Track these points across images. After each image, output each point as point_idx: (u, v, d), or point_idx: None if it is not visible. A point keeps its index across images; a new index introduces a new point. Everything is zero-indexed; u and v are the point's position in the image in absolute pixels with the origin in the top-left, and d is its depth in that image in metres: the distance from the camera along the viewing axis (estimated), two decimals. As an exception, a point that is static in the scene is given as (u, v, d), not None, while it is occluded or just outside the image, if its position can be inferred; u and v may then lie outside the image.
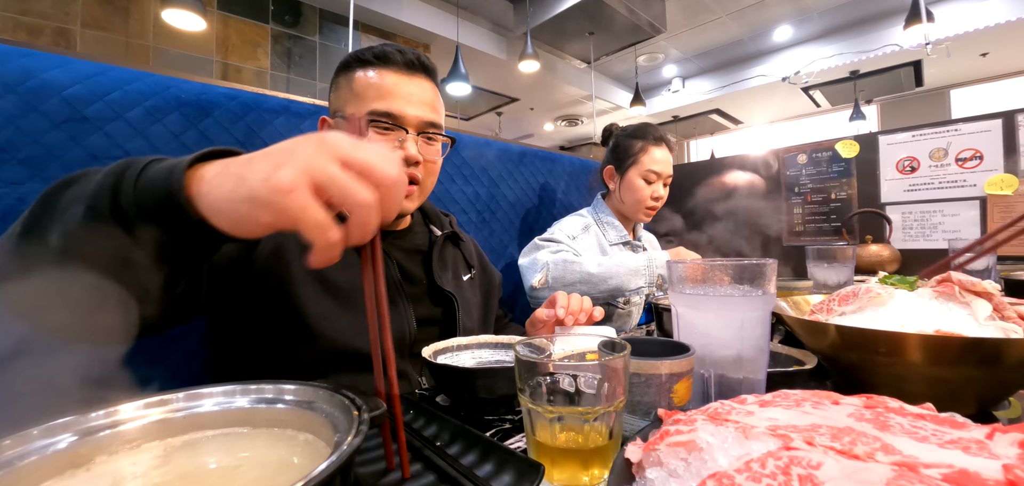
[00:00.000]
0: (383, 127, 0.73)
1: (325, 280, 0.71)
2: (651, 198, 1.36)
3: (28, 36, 2.61)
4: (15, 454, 0.26)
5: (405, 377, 0.75)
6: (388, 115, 0.72)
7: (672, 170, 1.41)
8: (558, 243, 1.28)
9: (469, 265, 0.95)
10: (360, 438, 0.26)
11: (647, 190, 1.36)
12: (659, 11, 4.34)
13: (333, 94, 0.79)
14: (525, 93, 6.21)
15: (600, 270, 1.15)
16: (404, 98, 0.74)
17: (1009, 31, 4.50)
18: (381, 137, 0.73)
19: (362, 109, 0.73)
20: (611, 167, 1.43)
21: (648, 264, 1.18)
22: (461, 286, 0.89)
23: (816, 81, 5.69)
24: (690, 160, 6.09)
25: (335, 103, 0.78)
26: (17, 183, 0.69)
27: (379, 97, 0.73)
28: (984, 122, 1.56)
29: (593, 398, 0.37)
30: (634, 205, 1.38)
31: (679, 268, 0.51)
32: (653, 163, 1.35)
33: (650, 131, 1.40)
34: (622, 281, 1.16)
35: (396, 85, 0.74)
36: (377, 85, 0.73)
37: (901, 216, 1.70)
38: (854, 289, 0.58)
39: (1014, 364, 0.42)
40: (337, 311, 0.71)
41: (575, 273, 1.16)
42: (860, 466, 0.25)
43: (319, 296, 0.70)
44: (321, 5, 3.77)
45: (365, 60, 0.75)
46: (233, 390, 0.34)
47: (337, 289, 0.72)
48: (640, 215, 1.40)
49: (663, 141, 1.39)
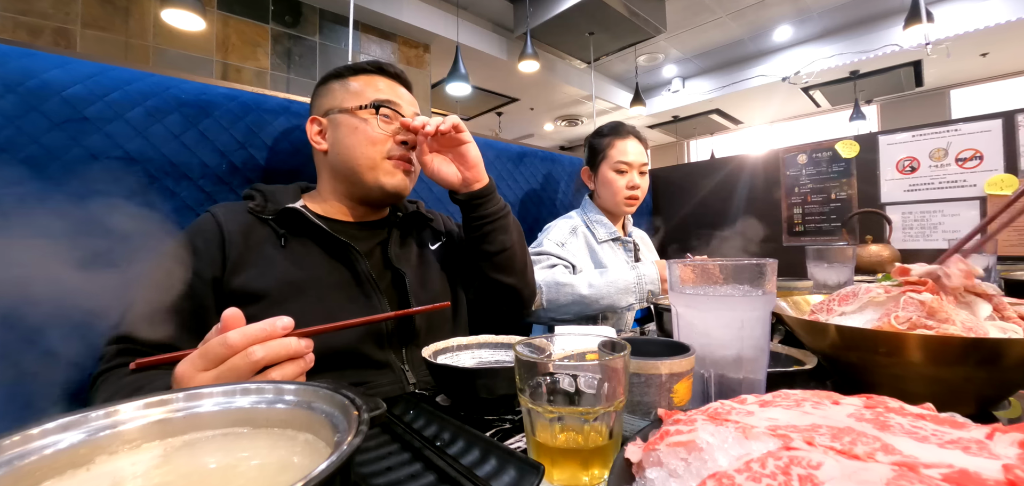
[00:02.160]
0: (387, 117, 0.82)
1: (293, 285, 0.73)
2: (627, 188, 1.40)
3: (28, 36, 2.61)
4: (15, 454, 0.26)
5: (389, 368, 0.76)
6: (390, 104, 0.82)
7: (646, 159, 1.43)
8: (547, 255, 1.30)
9: (437, 234, 0.95)
10: (360, 438, 0.26)
11: (620, 181, 1.40)
12: (659, 11, 4.34)
13: (324, 99, 0.85)
14: (525, 93, 6.21)
15: (591, 291, 1.19)
16: (397, 96, 0.85)
17: (1009, 31, 4.50)
18: (386, 124, 0.82)
19: (366, 102, 0.81)
20: (587, 168, 1.49)
21: (638, 281, 1.20)
22: (425, 259, 0.89)
23: (816, 81, 5.69)
24: (690, 160, 6.08)
25: (328, 103, 0.84)
26: (17, 183, 0.69)
27: (383, 94, 0.83)
28: (984, 122, 1.56)
29: (593, 398, 0.37)
30: (612, 198, 1.42)
31: (679, 268, 0.51)
32: (621, 154, 1.40)
33: (620, 127, 1.45)
34: (614, 300, 1.19)
35: (390, 87, 0.86)
36: (380, 87, 0.84)
37: (901, 216, 1.70)
38: (854, 289, 0.58)
39: (1014, 364, 0.42)
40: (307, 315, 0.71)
41: (568, 295, 1.19)
42: (860, 466, 0.25)
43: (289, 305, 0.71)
44: (321, 5, 3.77)
45: (362, 69, 0.85)
46: (233, 390, 0.34)
47: (301, 289, 0.73)
48: (621, 207, 1.42)
49: (631, 134, 1.43)
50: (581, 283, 1.20)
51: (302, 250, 0.76)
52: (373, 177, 0.81)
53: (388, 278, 0.83)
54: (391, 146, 0.82)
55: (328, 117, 0.83)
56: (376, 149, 0.80)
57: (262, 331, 0.45)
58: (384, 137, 0.81)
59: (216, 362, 0.44)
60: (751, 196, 2.02)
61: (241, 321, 0.46)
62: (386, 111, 0.81)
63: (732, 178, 2.06)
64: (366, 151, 0.80)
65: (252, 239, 0.74)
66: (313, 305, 0.72)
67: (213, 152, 0.87)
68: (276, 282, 0.71)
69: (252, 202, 0.78)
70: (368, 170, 0.80)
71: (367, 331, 0.75)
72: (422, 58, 4.49)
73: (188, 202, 0.85)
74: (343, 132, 0.81)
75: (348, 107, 0.81)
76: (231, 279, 0.70)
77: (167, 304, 0.67)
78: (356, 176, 0.81)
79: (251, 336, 0.45)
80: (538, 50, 4.34)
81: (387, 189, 0.82)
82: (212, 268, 0.70)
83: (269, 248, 0.74)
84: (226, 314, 0.46)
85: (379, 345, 0.76)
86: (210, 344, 0.45)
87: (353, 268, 0.78)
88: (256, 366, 0.44)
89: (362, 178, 0.81)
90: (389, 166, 0.82)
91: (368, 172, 0.80)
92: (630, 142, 1.41)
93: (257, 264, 0.72)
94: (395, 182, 0.82)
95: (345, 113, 0.81)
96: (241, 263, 0.71)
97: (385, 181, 0.81)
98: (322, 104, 0.85)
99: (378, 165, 0.81)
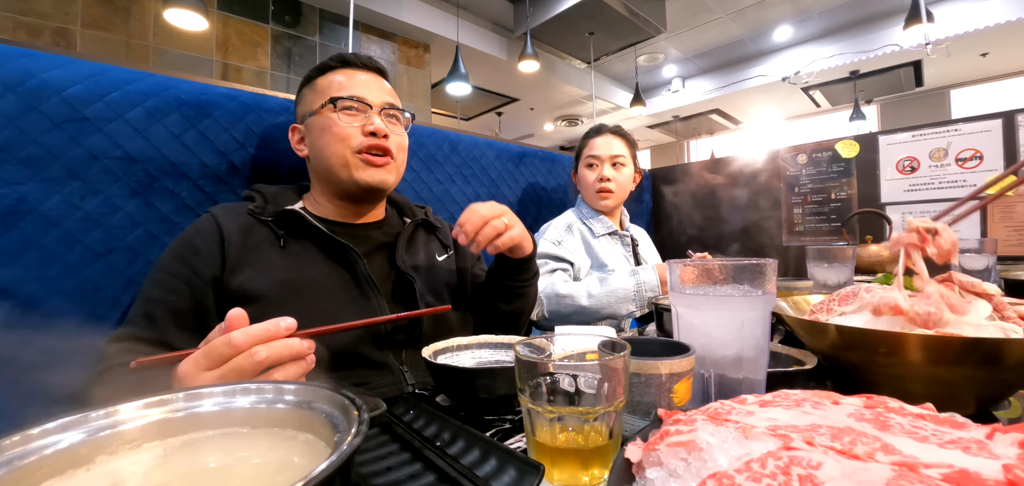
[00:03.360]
0: (351, 109, 0.80)
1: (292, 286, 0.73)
2: (598, 181, 1.43)
3: (28, 36, 2.61)
4: (15, 454, 0.26)
5: (387, 369, 0.76)
6: (354, 97, 0.81)
7: (618, 151, 1.45)
8: (545, 258, 1.32)
9: (445, 246, 0.96)
10: (360, 438, 0.26)
11: (591, 175, 1.44)
12: (659, 11, 4.34)
13: (299, 106, 0.86)
14: (525, 93, 6.21)
15: (591, 302, 1.21)
16: (363, 86, 0.83)
17: (1009, 31, 4.50)
18: (350, 117, 0.80)
19: (326, 99, 0.80)
20: (573, 171, 1.55)
21: (638, 289, 1.22)
22: (433, 266, 0.90)
23: (816, 81, 5.68)
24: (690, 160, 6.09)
25: (302, 109, 0.85)
26: (17, 183, 0.69)
27: (343, 88, 0.82)
28: (984, 122, 1.56)
29: (593, 398, 0.37)
30: (587, 192, 1.47)
31: (679, 268, 0.51)
32: (591, 149, 1.45)
33: (595, 127, 1.50)
34: (614, 309, 1.22)
35: (354, 77, 0.83)
36: (340, 81, 0.82)
37: (901, 216, 1.70)
38: (854, 289, 0.58)
39: (1014, 364, 0.42)
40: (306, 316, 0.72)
41: (568, 307, 1.23)
42: (860, 466, 0.25)
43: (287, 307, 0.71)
44: (321, 5, 3.77)
45: (326, 67, 0.84)
46: (233, 390, 0.34)
47: (299, 290, 0.73)
48: (596, 202, 1.46)
49: (604, 131, 1.47)
50: (581, 294, 1.22)
51: (301, 251, 0.76)
52: (347, 174, 0.80)
53: (392, 280, 0.83)
54: (359, 140, 0.80)
55: (305, 122, 0.84)
56: (344, 145, 0.79)
57: (265, 332, 0.45)
58: (349, 133, 0.79)
59: (220, 362, 0.45)
60: (751, 196, 2.02)
61: (245, 321, 0.46)
62: (346, 104, 0.80)
63: (732, 178, 2.06)
64: (336, 149, 0.79)
65: (251, 240, 0.74)
66: (312, 306, 0.72)
67: (213, 152, 0.87)
68: (274, 283, 0.71)
69: (252, 203, 0.78)
70: (342, 168, 0.80)
71: (366, 332, 0.75)
72: (422, 58, 4.49)
73: (188, 202, 0.85)
74: (315, 134, 0.81)
75: (314, 108, 0.81)
76: (230, 279, 0.70)
77: (168, 303, 0.67)
78: (333, 175, 0.81)
79: (255, 336, 0.45)
80: (538, 50, 4.34)
81: (362, 184, 0.80)
82: (212, 268, 0.70)
83: (268, 249, 0.74)
84: (231, 314, 0.46)
85: (378, 346, 0.76)
86: (214, 344, 0.45)
87: (352, 269, 0.78)
88: (260, 367, 0.44)
89: (338, 176, 0.80)
90: (358, 161, 0.80)
91: (342, 169, 0.80)
92: (600, 138, 1.45)
93: (255, 265, 0.72)
94: (367, 177, 0.80)
95: (314, 115, 0.81)
96: (240, 264, 0.71)
97: (359, 176, 0.80)
98: (299, 111, 0.86)
99: (349, 161, 0.79)
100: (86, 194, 0.75)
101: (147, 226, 0.81)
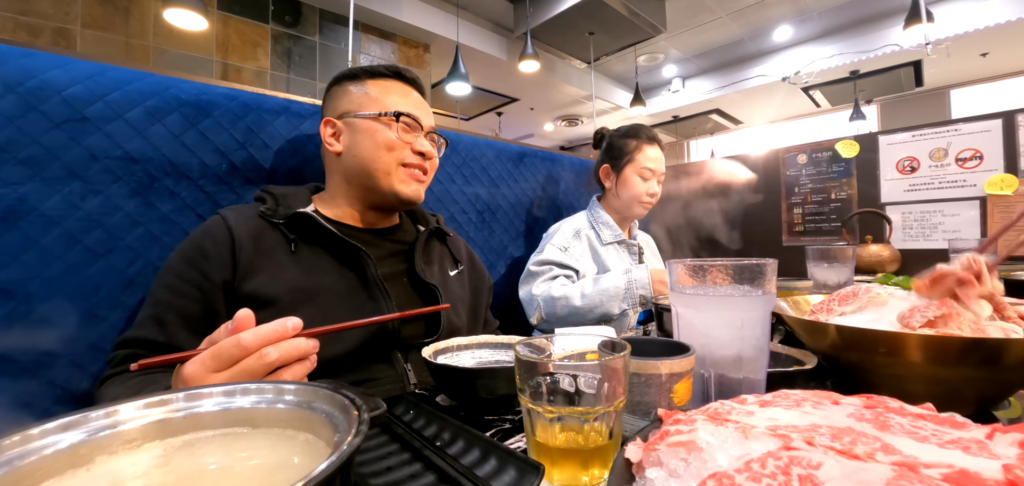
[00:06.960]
0: (407, 124, 0.83)
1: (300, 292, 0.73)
2: (646, 194, 1.41)
3: (28, 36, 2.61)
4: (15, 454, 0.26)
5: (392, 369, 0.76)
6: (412, 117, 0.83)
7: (664, 169, 1.45)
8: (549, 265, 1.32)
9: (456, 261, 0.96)
10: (360, 438, 0.26)
11: (643, 186, 1.40)
12: (659, 11, 4.34)
13: (338, 100, 0.84)
14: (525, 93, 6.21)
15: (584, 302, 1.23)
16: (416, 105, 0.85)
17: (1009, 31, 4.50)
18: (406, 133, 0.82)
19: (386, 109, 0.81)
20: (607, 166, 1.46)
21: (628, 287, 1.22)
22: (447, 280, 0.90)
23: (816, 81, 5.68)
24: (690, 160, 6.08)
25: (343, 106, 0.83)
26: (17, 183, 0.69)
27: (402, 105, 0.83)
28: (984, 122, 1.56)
29: (593, 398, 0.37)
30: (630, 200, 1.42)
31: (679, 268, 0.51)
32: (648, 160, 1.40)
33: (643, 131, 1.45)
34: (607, 308, 1.22)
35: (410, 95, 0.86)
36: (398, 92, 0.84)
37: (901, 216, 1.70)
38: (854, 289, 0.58)
39: (1014, 364, 0.42)
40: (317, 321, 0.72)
41: (564, 308, 1.24)
42: (860, 466, 0.25)
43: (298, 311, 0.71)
44: (321, 5, 3.77)
45: (378, 73, 0.85)
46: (233, 390, 0.34)
47: (311, 295, 0.73)
48: (636, 210, 1.43)
49: (656, 141, 1.44)
50: (575, 295, 1.23)
51: (313, 256, 0.76)
52: (388, 183, 0.81)
53: (405, 285, 0.84)
54: (408, 154, 0.82)
55: (343, 120, 0.82)
56: (393, 156, 0.81)
57: (274, 332, 0.45)
58: (402, 145, 0.81)
59: (229, 363, 0.44)
60: (750, 196, 2.02)
61: (253, 322, 0.46)
62: (408, 121, 0.82)
63: (732, 179, 2.06)
64: (383, 156, 0.80)
65: (263, 244, 0.73)
66: (323, 311, 0.72)
67: (213, 152, 0.87)
68: (286, 289, 0.71)
69: (263, 205, 0.77)
70: (384, 176, 0.81)
71: (371, 333, 0.74)
72: (422, 58, 4.49)
73: (188, 202, 0.85)
74: (360, 136, 0.81)
75: (367, 113, 0.81)
76: (242, 285, 0.70)
77: (178, 307, 0.67)
78: (372, 181, 0.81)
79: (264, 337, 0.45)
80: (538, 50, 4.34)
81: (401, 196, 0.82)
82: (222, 272, 0.69)
83: (279, 253, 0.74)
84: (239, 315, 0.46)
85: (384, 348, 0.76)
86: (223, 345, 0.45)
87: (363, 273, 0.78)
88: (269, 368, 0.44)
89: (377, 183, 0.81)
90: (404, 173, 0.82)
91: (383, 177, 0.81)
92: (655, 149, 1.42)
93: (268, 270, 0.72)
94: (409, 190, 0.83)
95: (361, 117, 0.81)
96: (252, 269, 0.71)
97: (400, 188, 0.82)
98: (337, 106, 0.84)
99: (393, 172, 0.81)
100: (86, 194, 0.75)
101: (147, 226, 0.80)
